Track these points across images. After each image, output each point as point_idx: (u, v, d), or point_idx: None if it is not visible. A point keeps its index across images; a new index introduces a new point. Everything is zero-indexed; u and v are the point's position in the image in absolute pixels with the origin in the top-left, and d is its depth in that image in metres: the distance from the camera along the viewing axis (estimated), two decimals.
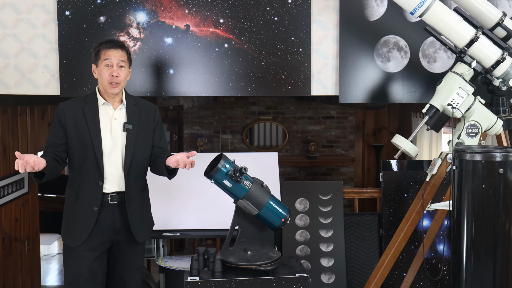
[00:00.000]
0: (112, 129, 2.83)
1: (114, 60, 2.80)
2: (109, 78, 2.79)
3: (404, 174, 3.97)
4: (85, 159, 2.79)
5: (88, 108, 2.83)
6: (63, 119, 2.80)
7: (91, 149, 2.78)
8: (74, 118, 2.81)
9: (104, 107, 2.85)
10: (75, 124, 2.80)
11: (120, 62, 2.82)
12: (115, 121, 2.85)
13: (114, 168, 2.82)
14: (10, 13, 3.47)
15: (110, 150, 2.82)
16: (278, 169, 3.83)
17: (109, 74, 2.79)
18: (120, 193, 2.83)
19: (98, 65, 2.83)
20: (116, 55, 2.81)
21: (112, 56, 2.80)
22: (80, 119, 2.81)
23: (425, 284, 3.86)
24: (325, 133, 7.97)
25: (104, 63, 2.80)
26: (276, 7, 3.50)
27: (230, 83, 3.54)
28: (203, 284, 2.66)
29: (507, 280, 2.62)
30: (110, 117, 2.85)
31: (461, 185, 2.65)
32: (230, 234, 2.85)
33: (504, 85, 2.98)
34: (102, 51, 2.81)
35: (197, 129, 7.84)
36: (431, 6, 2.85)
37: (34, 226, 4.80)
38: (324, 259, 3.89)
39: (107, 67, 2.80)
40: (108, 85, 2.80)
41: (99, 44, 2.85)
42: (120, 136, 2.84)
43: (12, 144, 4.36)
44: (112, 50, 2.81)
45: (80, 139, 2.79)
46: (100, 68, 2.82)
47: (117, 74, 2.80)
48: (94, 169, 2.78)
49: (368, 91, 3.58)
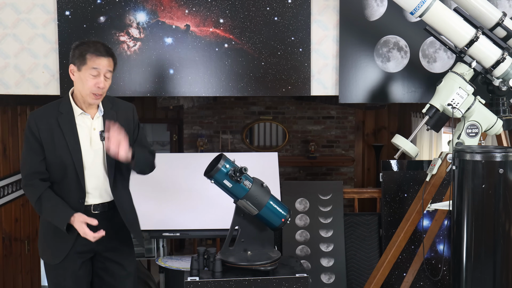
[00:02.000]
0: (92, 141, 2.62)
1: (103, 70, 2.54)
2: (93, 89, 2.54)
3: (404, 174, 3.97)
4: (64, 175, 2.59)
5: (63, 119, 2.58)
6: (37, 132, 2.55)
7: (70, 165, 2.57)
8: (49, 130, 2.56)
9: (82, 117, 2.62)
10: (50, 137, 2.56)
11: (107, 72, 2.57)
12: (94, 131, 2.63)
13: (96, 181, 2.65)
14: (10, 13, 3.48)
15: (91, 163, 2.62)
16: (278, 169, 3.83)
17: (94, 84, 2.53)
18: (104, 204, 2.69)
19: (81, 69, 2.54)
20: (105, 64, 2.55)
21: (101, 65, 2.53)
22: (56, 132, 2.56)
23: (425, 284, 3.86)
24: (325, 133, 7.97)
25: (90, 71, 2.53)
26: (276, 7, 3.50)
27: (230, 83, 3.54)
28: (203, 284, 2.66)
29: (507, 280, 2.62)
30: (89, 127, 2.62)
31: (461, 185, 2.65)
32: (230, 234, 2.85)
33: (504, 85, 2.98)
34: (89, 56, 2.53)
35: (197, 129, 7.84)
36: (431, 6, 2.85)
37: (34, 226, 4.80)
38: (324, 259, 3.89)
39: (92, 76, 2.53)
40: (90, 95, 2.55)
41: (87, 46, 2.55)
42: (101, 147, 2.64)
43: (12, 144, 4.36)
44: (102, 58, 2.54)
45: (58, 155, 2.56)
46: (84, 74, 2.54)
47: (103, 85, 2.55)
48: (75, 186, 2.59)
49: (368, 91, 3.58)
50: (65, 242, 2.63)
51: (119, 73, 3.48)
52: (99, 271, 2.77)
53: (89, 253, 2.71)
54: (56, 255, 2.65)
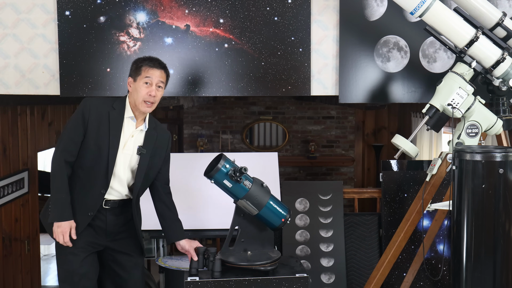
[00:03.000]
0: (126, 146, 2.80)
1: (155, 80, 2.77)
2: (146, 97, 2.76)
3: (404, 174, 3.97)
4: (95, 163, 2.75)
5: (114, 114, 2.78)
6: (88, 117, 2.74)
7: (105, 156, 2.74)
8: (98, 119, 2.75)
9: (128, 121, 2.81)
10: (97, 126, 2.75)
11: (160, 83, 2.80)
12: (131, 138, 2.82)
13: (117, 183, 2.81)
14: (10, 13, 3.47)
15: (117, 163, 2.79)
16: (278, 169, 3.83)
17: (147, 92, 2.76)
18: (115, 201, 2.83)
19: (136, 80, 2.78)
20: (157, 74, 2.79)
21: (153, 76, 2.77)
22: (104, 123, 2.76)
23: (425, 284, 3.86)
24: (325, 133, 7.98)
25: (143, 80, 2.76)
26: (276, 7, 3.50)
27: (230, 83, 3.54)
28: (203, 284, 2.66)
29: (507, 280, 2.62)
30: (130, 133, 2.81)
31: (461, 185, 2.65)
32: (230, 234, 2.85)
33: (504, 85, 2.98)
34: (144, 67, 2.78)
35: (197, 129, 7.84)
36: (431, 6, 2.85)
37: (34, 226, 4.81)
38: (324, 259, 3.89)
39: (145, 85, 2.76)
40: (142, 103, 2.77)
41: (143, 60, 2.81)
42: (131, 156, 2.82)
43: (12, 144, 4.36)
44: (155, 69, 2.78)
45: (97, 143, 2.74)
46: (138, 84, 2.77)
47: (155, 94, 2.77)
48: (102, 177, 2.75)
49: (368, 91, 3.58)
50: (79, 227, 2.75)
51: (119, 73, 3.48)
52: (109, 263, 2.90)
53: (99, 245, 2.84)
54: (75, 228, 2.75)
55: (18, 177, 4.47)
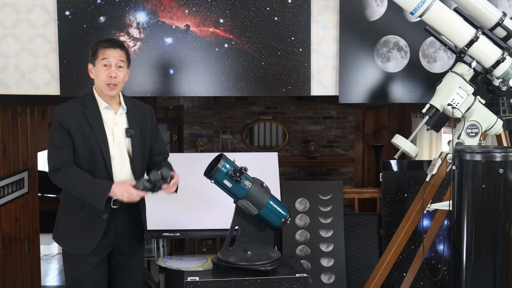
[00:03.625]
0: (115, 135, 2.73)
1: (113, 60, 2.68)
2: (106, 79, 2.67)
3: (404, 174, 3.97)
4: (93, 165, 2.68)
5: (89, 112, 2.69)
6: (66, 124, 2.65)
7: (99, 155, 2.67)
8: (77, 122, 2.67)
9: (105, 111, 2.74)
10: (79, 129, 2.66)
11: (119, 62, 2.70)
12: (116, 126, 2.74)
13: (120, 175, 2.73)
14: (10, 13, 3.48)
15: (114, 156, 2.72)
16: (278, 169, 3.82)
17: (107, 75, 2.67)
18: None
19: (95, 64, 2.70)
20: (115, 54, 2.69)
21: (111, 56, 2.68)
22: (83, 124, 2.67)
23: (425, 284, 3.86)
24: (325, 133, 7.97)
25: (102, 63, 2.67)
26: (276, 7, 3.50)
27: (230, 83, 3.54)
28: (203, 284, 2.66)
29: (507, 280, 2.62)
30: (112, 122, 2.74)
31: (461, 185, 2.65)
32: (230, 234, 2.85)
33: (504, 85, 2.98)
34: (100, 50, 2.68)
35: (197, 129, 7.84)
36: (431, 6, 2.85)
37: (34, 226, 4.80)
38: (324, 259, 3.89)
39: (105, 67, 2.67)
40: (105, 87, 2.68)
41: (97, 43, 2.72)
42: (124, 142, 2.75)
43: (12, 144, 4.36)
44: (111, 49, 2.68)
45: (86, 145, 2.67)
46: (97, 67, 2.69)
47: (115, 75, 2.67)
48: (104, 175, 2.68)
49: (368, 91, 3.58)
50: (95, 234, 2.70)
51: None
52: (112, 267, 2.85)
53: (109, 247, 2.79)
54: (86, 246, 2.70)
55: (18, 177, 4.47)
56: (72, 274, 2.74)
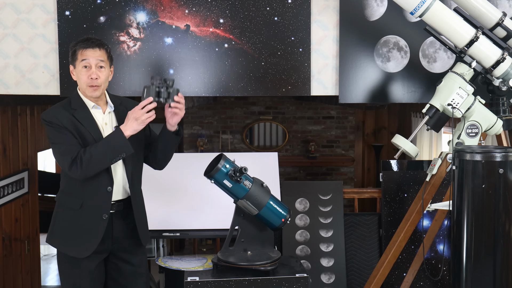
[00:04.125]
0: (104, 135, 2.65)
1: (93, 61, 2.59)
2: (88, 81, 2.59)
3: (404, 174, 3.97)
4: None
5: (79, 114, 2.63)
6: (60, 122, 2.59)
7: None
8: (71, 123, 2.60)
9: (94, 111, 2.67)
10: (74, 128, 2.60)
11: (99, 63, 2.60)
12: (106, 126, 2.69)
13: (116, 175, 2.68)
14: (10, 13, 3.47)
15: None
16: (278, 169, 3.83)
17: (87, 76, 2.59)
18: (119, 202, 2.70)
19: (75, 66, 2.62)
20: (94, 55, 2.59)
21: (90, 57, 2.58)
22: (76, 125, 2.61)
23: (425, 284, 3.86)
24: (325, 133, 7.98)
25: (81, 64, 2.59)
26: (276, 7, 3.50)
27: (230, 83, 3.54)
28: (203, 284, 2.66)
29: (507, 280, 2.62)
30: (101, 122, 2.68)
31: (461, 185, 2.65)
32: (230, 234, 2.85)
33: (504, 85, 2.98)
34: (78, 51, 2.59)
35: (197, 129, 7.84)
36: (431, 6, 2.85)
37: (34, 226, 4.81)
38: (324, 259, 3.89)
39: (85, 69, 2.59)
40: (88, 88, 2.61)
41: (76, 43, 2.63)
42: None
43: (12, 144, 4.36)
44: (89, 50, 2.59)
45: (84, 144, 2.60)
46: (77, 69, 2.61)
47: (96, 76, 2.59)
48: (104, 174, 2.61)
49: (368, 91, 3.58)
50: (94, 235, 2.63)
51: (119, 73, 3.48)
52: (112, 272, 2.77)
53: (105, 252, 2.72)
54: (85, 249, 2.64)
55: (18, 177, 4.47)
56: (68, 280, 2.70)
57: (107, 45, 2.68)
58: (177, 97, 2.63)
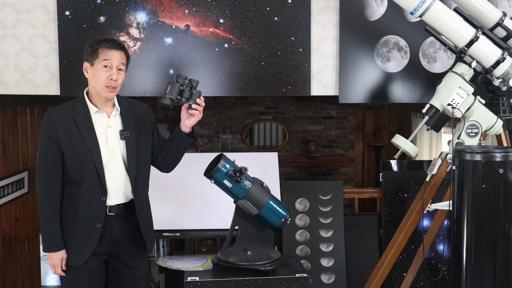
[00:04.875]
0: (108, 139, 2.62)
1: (114, 62, 2.57)
2: (106, 81, 2.56)
3: (404, 174, 3.97)
4: (84, 175, 2.58)
5: (79, 118, 2.59)
6: (54, 133, 2.56)
7: (90, 163, 2.56)
8: (66, 130, 2.57)
9: (97, 115, 2.63)
10: (68, 136, 2.57)
11: (120, 65, 2.60)
12: (110, 129, 2.64)
13: (115, 180, 2.64)
14: (10, 13, 3.47)
15: (107, 161, 2.61)
16: (278, 169, 3.83)
17: (107, 76, 2.56)
18: (120, 206, 2.66)
19: (93, 64, 2.58)
20: (117, 56, 2.58)
21: (113, 58, 2.57)
22: (73, 131, 2.57)
23: (425, 284, 3.86)
24: (325, 133, 7.98)
25: (102, 64, 2.56)
26: (276, 7, 3.50)
27: (230, 83, 3.54)
28: (203, 284, 2.66)
29: (507, 280, 2.62)
30: (105, 126, 2.63)
31: (461, 185, 2.65)
32: (230, 234, 2.85)
33: (504, 85, 2.98)
34: (101, 50, 2.57)
35: (197, 129, 7.84)
36: (431, 6, 2.85)
37: (34, 226, 4.80)
38: (324, 259, 3.89)
39: (105, 69, 2.56)
40: (104, 89, 2.58)
41: (98, 42, 2.60)
42: (118, 146, 2.64)
43: (12, 144, 4.36)
44: (113, 50, 2.58)
45: (77, 154, 2.57)
46: (96, 68, 2.57)
47: (116, 77, 2.57)
48: (96, 184, 2.57)
49: (368, 91, 3.58)
50: (88, 244, 2.62)
51: None
52: (111, 274, 2.75)
53: (105, 255, 2.70)
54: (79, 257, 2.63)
55: (18, 177, 4.47)
56: (68, 282, 2.68)
57: (127, 50, 2.69)
58: (199, 100, 2.67)
